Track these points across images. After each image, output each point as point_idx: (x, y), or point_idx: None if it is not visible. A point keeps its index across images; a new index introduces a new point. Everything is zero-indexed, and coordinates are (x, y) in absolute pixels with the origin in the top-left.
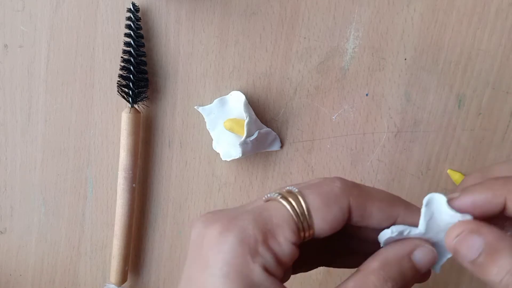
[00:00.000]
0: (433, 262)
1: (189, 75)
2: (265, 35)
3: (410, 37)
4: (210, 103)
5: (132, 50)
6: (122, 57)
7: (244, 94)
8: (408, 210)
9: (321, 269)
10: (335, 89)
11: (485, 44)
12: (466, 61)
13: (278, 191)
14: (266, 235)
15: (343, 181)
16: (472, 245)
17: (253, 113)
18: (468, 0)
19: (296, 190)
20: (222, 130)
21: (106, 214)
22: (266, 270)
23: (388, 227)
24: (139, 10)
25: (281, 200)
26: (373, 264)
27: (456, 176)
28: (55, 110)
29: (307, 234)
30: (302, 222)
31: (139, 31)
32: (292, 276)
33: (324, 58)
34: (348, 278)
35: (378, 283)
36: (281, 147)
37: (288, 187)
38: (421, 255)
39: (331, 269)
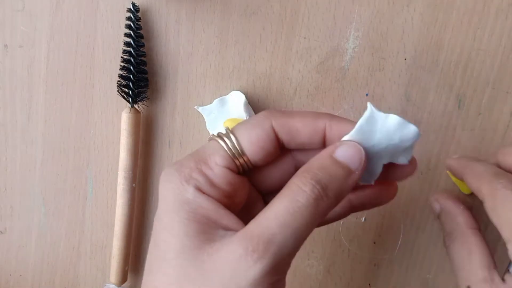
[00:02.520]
0: (359, 158)
1: (189, 75)
2: (265, 35)
3: (410, 37)
4: (210, 103)
5: (132, 50)
6: (122, 57)
7: (244, 94)
8: (334, 119)
9: (321, 268)
10: (335, 89)
11: (485, 44)
12: (466, 61)
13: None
14: (200, 163)
15: (269, 110)
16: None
17: (253, 113)
18: (468, 0)
19: (229, 128)
20: (222, 130)
21: (106, 214)
22: (199, 189)
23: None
24: (139, 10)
25: (214, 137)
26: (298, 171)
27: (455, 177)
28: (55, 110)
29: (241, 160)
30: (232, 148)
31: (139, 31)
32: (292, 276)
33: (324, 58)
34: None
35: (300, 183)
36: None
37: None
38: (342, 151)
39: (331, 269)
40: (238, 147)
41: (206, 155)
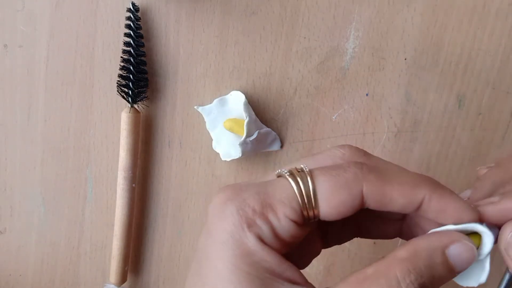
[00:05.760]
0: (469, 262)
1: (189, 75)
2: (265, 35)
3: (410, 37)
4: (210, 103)
5: (132, 50)
6: (122, 57)
7: (244, 94)
8: (437, 191)
9: (321, 268)
10: (335, 89)
11: (485, 44)
12: (466, 61)
13: (289, 168)
14: (266, 208)
15: (359, 165)
16: None
17: (253, 113)
18: (468, 0)
19: (307, 169)
20: (222, 130)
21: (106, 214)
22: (261, 240)
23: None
24: (138, 10)
25: (289, 177)
26: (400, 252)
27: None
28: (55, 110)
29: (311, 214)
30: (307, 203)
31: (138, 31)
32: None
33: (324, 58)
34: (371, 264)
35: (400, 275)
36: (281, 147)
37: (301, 165)
38: (457, 251)
39: (331, 269)
40: (313, 204)
41: (275, 200)
